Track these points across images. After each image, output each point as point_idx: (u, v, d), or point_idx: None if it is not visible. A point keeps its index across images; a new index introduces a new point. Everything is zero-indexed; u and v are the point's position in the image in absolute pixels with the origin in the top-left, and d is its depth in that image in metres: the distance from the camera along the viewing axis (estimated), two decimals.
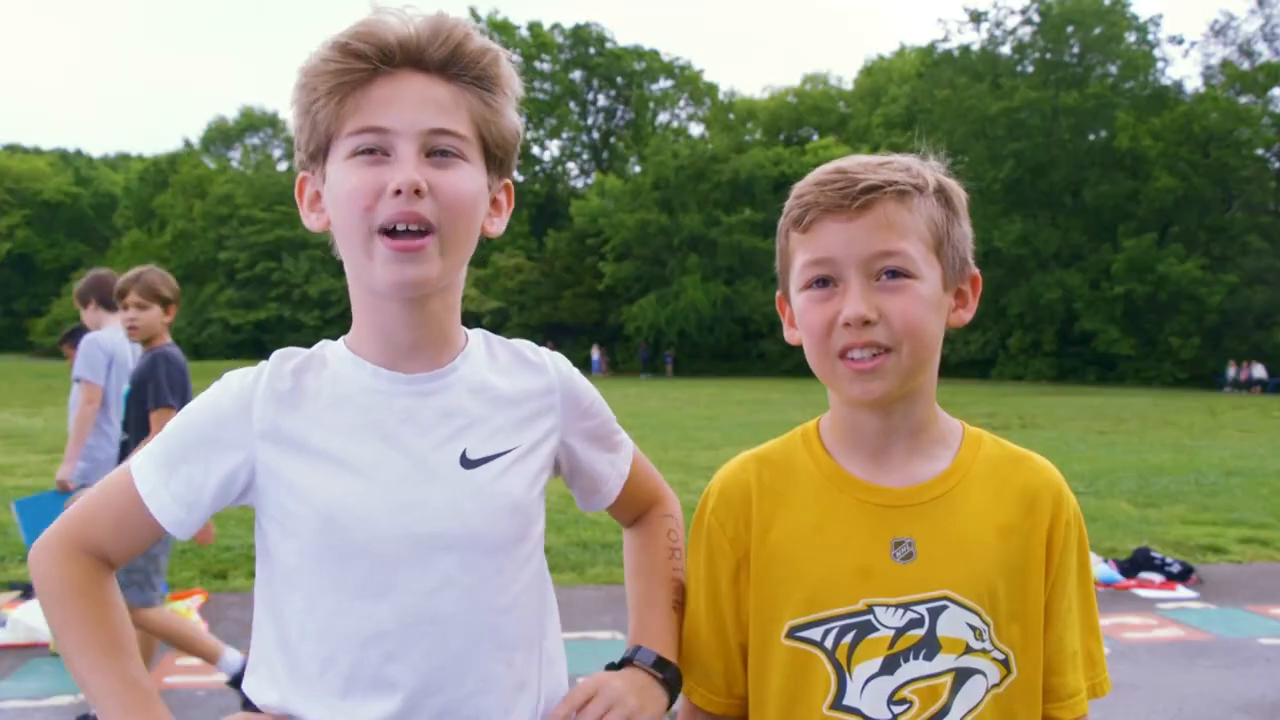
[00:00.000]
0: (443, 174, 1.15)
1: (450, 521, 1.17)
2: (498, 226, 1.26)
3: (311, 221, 1.24)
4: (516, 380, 1.29)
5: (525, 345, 1.35)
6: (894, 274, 1.19)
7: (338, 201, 1.16)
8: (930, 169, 1.25)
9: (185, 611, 5.31)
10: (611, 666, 1.30)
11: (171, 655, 4.69)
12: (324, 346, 1.27)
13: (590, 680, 1.24)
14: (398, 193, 1.11)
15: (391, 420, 1.20)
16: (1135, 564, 6.60)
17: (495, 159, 1.23)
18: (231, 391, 1.21)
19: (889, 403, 1.23)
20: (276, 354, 1.25)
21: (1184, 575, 6.51)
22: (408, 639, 1.15)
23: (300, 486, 1.17)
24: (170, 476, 1.19)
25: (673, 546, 1.43)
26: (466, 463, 1.21)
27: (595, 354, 42.11)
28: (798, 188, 1.25)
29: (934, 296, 1.21)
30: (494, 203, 1.26)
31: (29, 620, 4.90)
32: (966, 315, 1.29)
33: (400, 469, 1.18)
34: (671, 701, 1.29)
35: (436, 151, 1.15)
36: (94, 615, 1.18)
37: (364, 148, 1.14)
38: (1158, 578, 6.46)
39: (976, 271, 1.30)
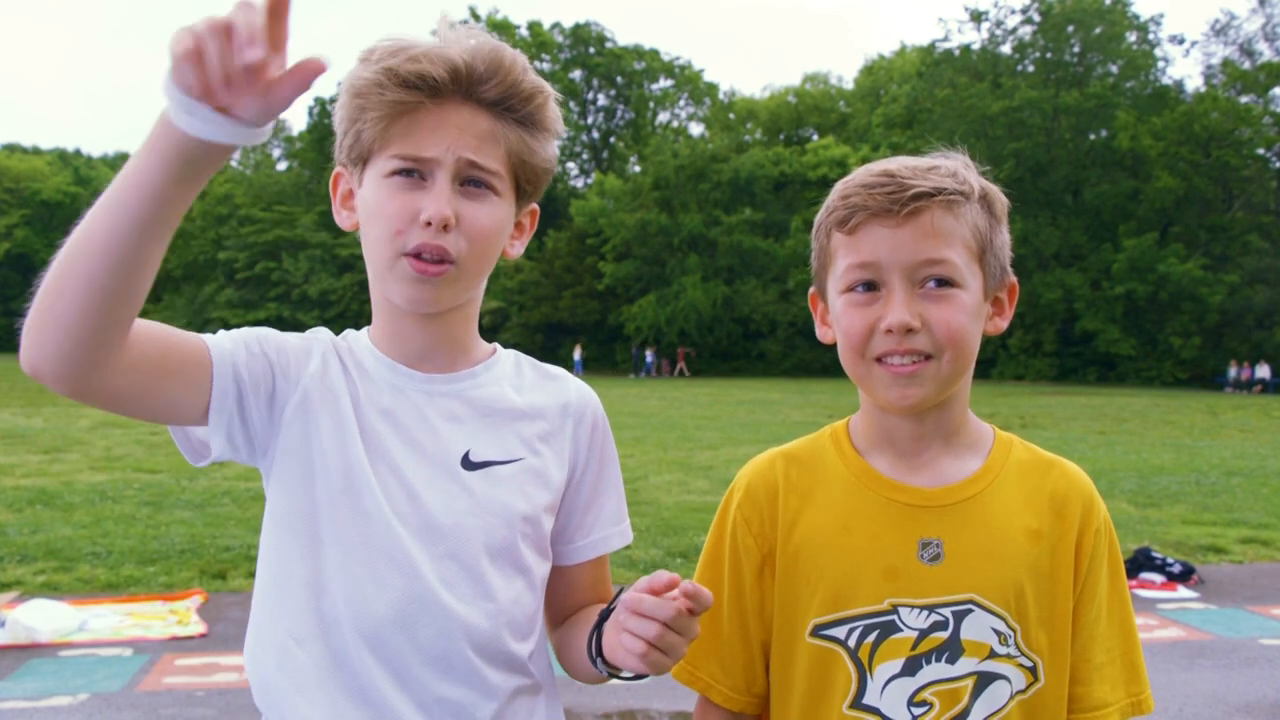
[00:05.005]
0: (472, 206, 1.18)
1: (442, 515, 1.19)
2: (517, 249, 1.30)
3: (342, 219, 1.27)
4: (533, 397, 1.31)
5: (554, 368, 1.37)
6: (939, 282, 1.18)
7: (372, 217, 1.20)
8: (975, 174, 1.24)
9: (184, 612, 5.31)
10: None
11: (171, 655, 4.69)
12: (347, 335, 1.30)
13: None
14: (428, 223, 1.15)
15: (402, 413, 1.23)
16: (1136, 564, 6.60)
17: (525, 191, 1.27)
18: (296, 336, 1.25)
19: (923, 409, 1.22)
20: (317, 330, 1.29)
21: (1184, 575, 6.50)
22: (384, 620, 1.16)
23: (310, 459, 1.18)
24: (232, 340, 1.16)
25: None
26: (468, 464, 1.22)
27: (577, 354, 41.72)
28: (843, 188, 1.23)
29: (975, 305, 1.21)
30: (518, 225, 1.29)
31: (28, 620, 4.89)
32: (1003, 323, 1.28)
33: (404, 459, 1.20)
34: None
35: (469, 181, 1.19)
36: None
37: (402, 170, 1.17)
38: (1158, 578, 6.45)
39: (1014, 280, 1.29)
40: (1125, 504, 9.14)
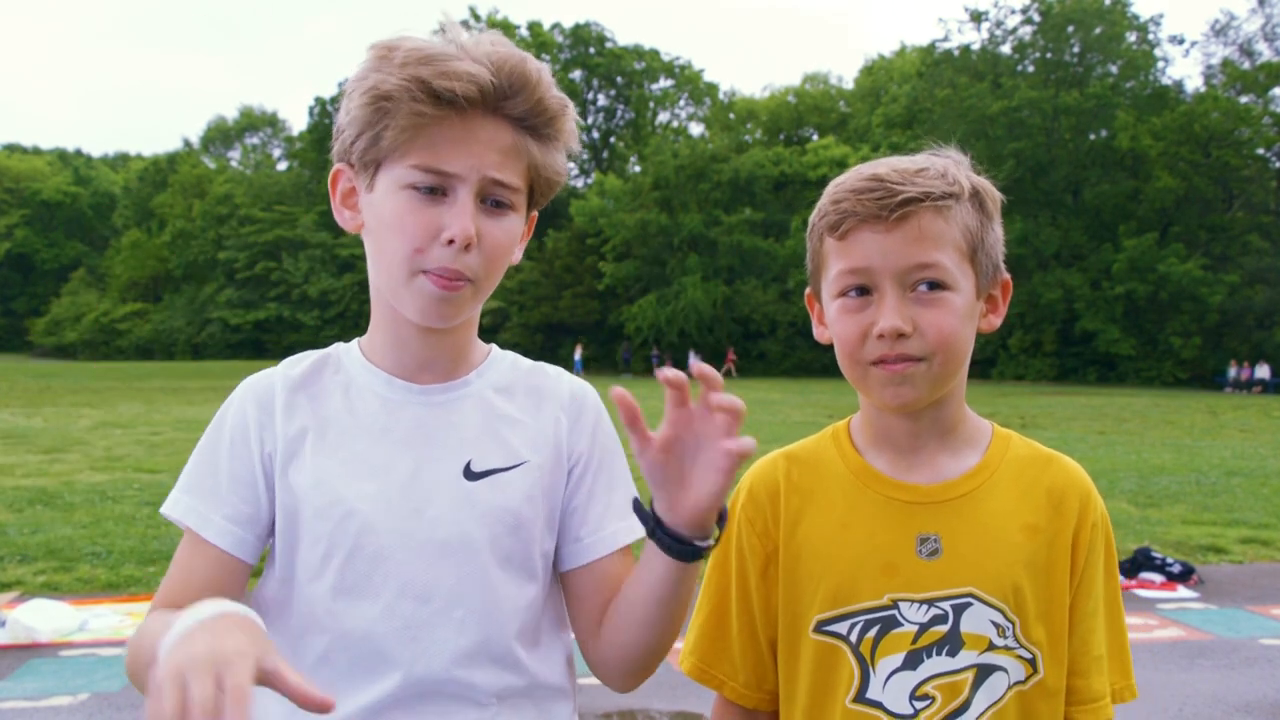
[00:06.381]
0: (491, 224, 1.17)
1: (449, 529, 1.18)
2: (517, 255, 1.29)
3: (344, 219, 1.23)
4: (529, 398, 1.29)
5: (549, 367, 1.35)
6: (930, 285, 1.19)
7: (387, 228, 1.17)
8: (965, 172, 1.25)
9: None
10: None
11: None
12: (337, 349, 1.28)
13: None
14: (450, 242, 1.13)
15: (400, 428, 1.21)
16: (1135, 564, 6.59)
17: (537, 202, 1.26)
18: (249, 388, 1.24)
19: (917, 408, 1.24)
20: (288, 359, 1.27)
21: (1184, 575, 6.50)
22: (398, 641, 1.15)
23: (311, 484, 1.18)
24: (200, 485, 1.19)
25: None
26: (470, 474, 1.21)
27: (577, 354, 41.72)
28: (834, 192, 1.24)
29: (967, 306, 1.21)
30: None
31: (28, 620, 4.89)
32: (996, 320, 1.29)
33: (405, 475, 1.19)
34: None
35: (491, 200, 1.17)
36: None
37: (424, 185, 1.14)
38: (1158, 578, 6.45)
39: (1007, 276, 1.30)
40: (1125, 504, 9.14)
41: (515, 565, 1.21)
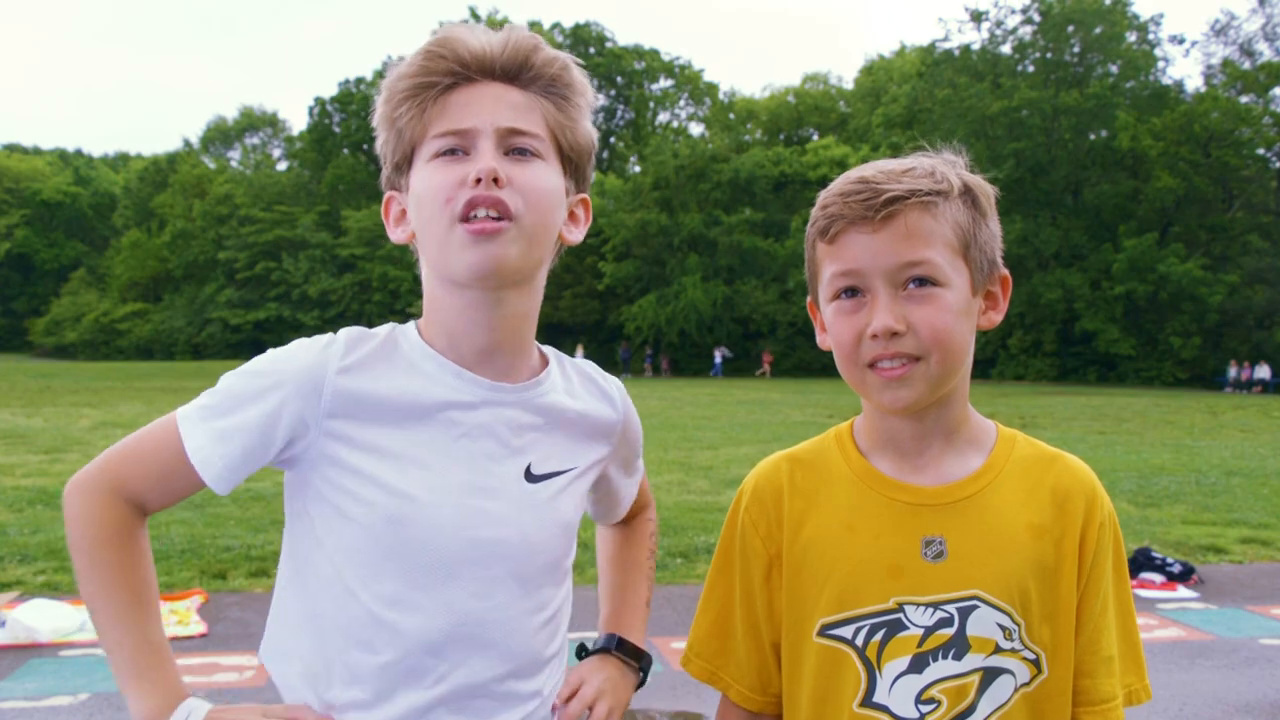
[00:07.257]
0: (520, 169, 1.18)
1: (509, 530, 1.19)
2: (576, 235, 1.29)
3: (397, 235, 1.26)
4: (586, 404, 1.32)
5: (593, 369, 1.38)
6: (921, 282, 1.18)
7: (420, 200, 1.19)
8: (956, 169, 1.24)
9: (184, 612, 5.31)
10: (583, 650, 1.41)
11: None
12: (394, 330, 1.25)
13: (578, 672, 1.34)
14: (478, 181, 1.14)
15: (467, 422, 1.20)
16: (1136, 564, 6.59)
17: (571, 163, 1.26)
18: (301, 359, 1.17)
19: (919, 409, 1.23)
20: (347, 331, 1.22)
21: (1184, 575, 6.50)
22: (451, 638, 1.16)
23: (368, 472, 1.15)
24: (222, 440, 1.16)
25: (652, 549, 1.54)
26: (530, 477, 1.23)
27: (578, 354, 41.77)
28: (823, 198, 1.25)
29: (962, 302, 1.20)
30: (571, 215, 1.28)
31: (28, 620, 4.89)
32: (997, 317, 1.28)
33: (468, 472, 1.19)
34: (638, 687, 1.44)
35: (514, 150, 1.19)
36: (122, 566, 1.17)
37: (446, 149, 1.18)
38: (1158, 578, 6.45)
39: (1006, 272, 1.29)
40: (1125, 504, 9.14)
41: (559, 568, 1.25)
